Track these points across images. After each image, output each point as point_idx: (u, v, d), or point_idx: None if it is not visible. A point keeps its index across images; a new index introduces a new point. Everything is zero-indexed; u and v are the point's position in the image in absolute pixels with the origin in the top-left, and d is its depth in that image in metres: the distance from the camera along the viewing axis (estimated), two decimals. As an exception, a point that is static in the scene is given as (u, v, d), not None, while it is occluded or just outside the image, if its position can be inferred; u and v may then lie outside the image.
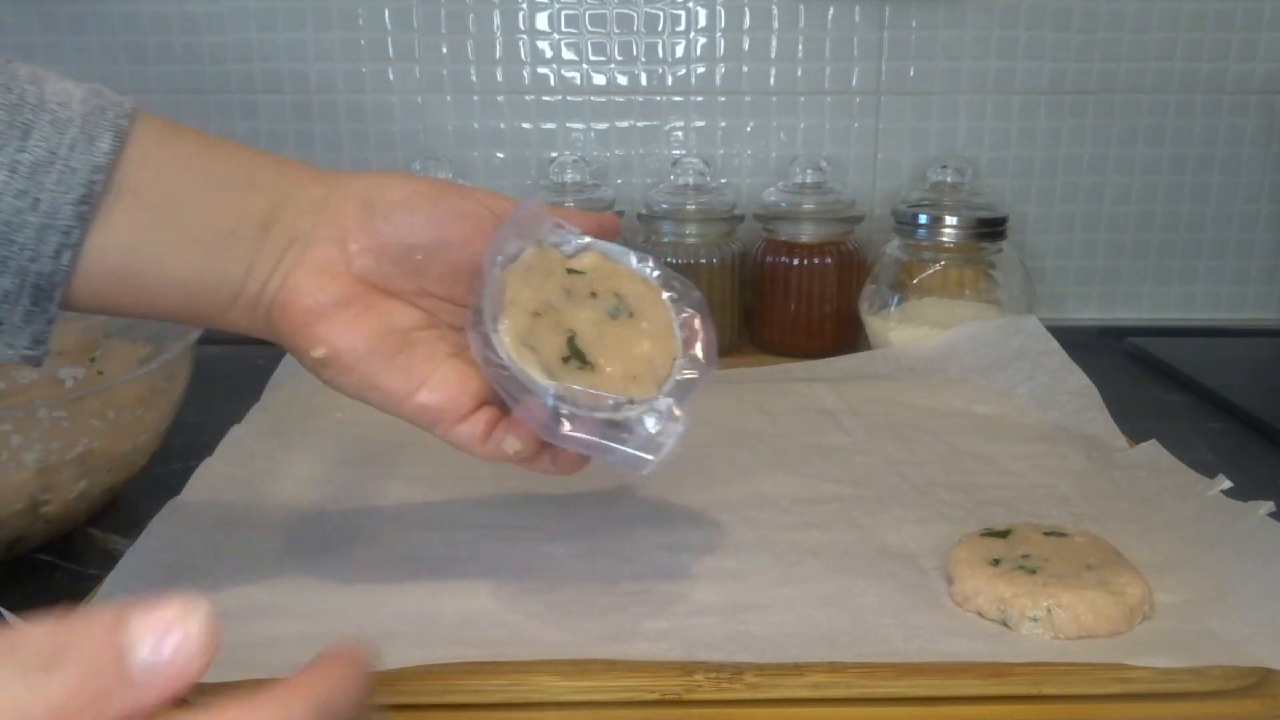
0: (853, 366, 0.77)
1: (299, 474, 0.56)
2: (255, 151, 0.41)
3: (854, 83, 0.91)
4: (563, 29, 0.90)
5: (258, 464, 0.56)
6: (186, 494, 0.51)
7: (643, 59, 0.91)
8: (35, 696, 0.19)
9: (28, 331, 0.37)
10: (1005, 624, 0.41)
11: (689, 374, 0.41)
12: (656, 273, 0.44)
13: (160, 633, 0.21)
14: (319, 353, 0.40)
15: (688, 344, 0.42)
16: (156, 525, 0.47)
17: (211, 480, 0.53)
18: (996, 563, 0.43)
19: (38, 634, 0.20)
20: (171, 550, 0.46)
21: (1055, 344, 0.71)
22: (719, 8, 0.90)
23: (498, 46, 0.90)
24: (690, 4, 0.90)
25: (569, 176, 0.87)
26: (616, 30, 0.90)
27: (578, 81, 0.91)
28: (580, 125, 0.92)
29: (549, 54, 0.91)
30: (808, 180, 0.85)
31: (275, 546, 0.49)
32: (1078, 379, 0.67)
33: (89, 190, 0.35)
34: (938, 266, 0.79)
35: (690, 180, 0.85)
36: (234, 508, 0.52)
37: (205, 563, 0.46)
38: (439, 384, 0.40)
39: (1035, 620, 0.40)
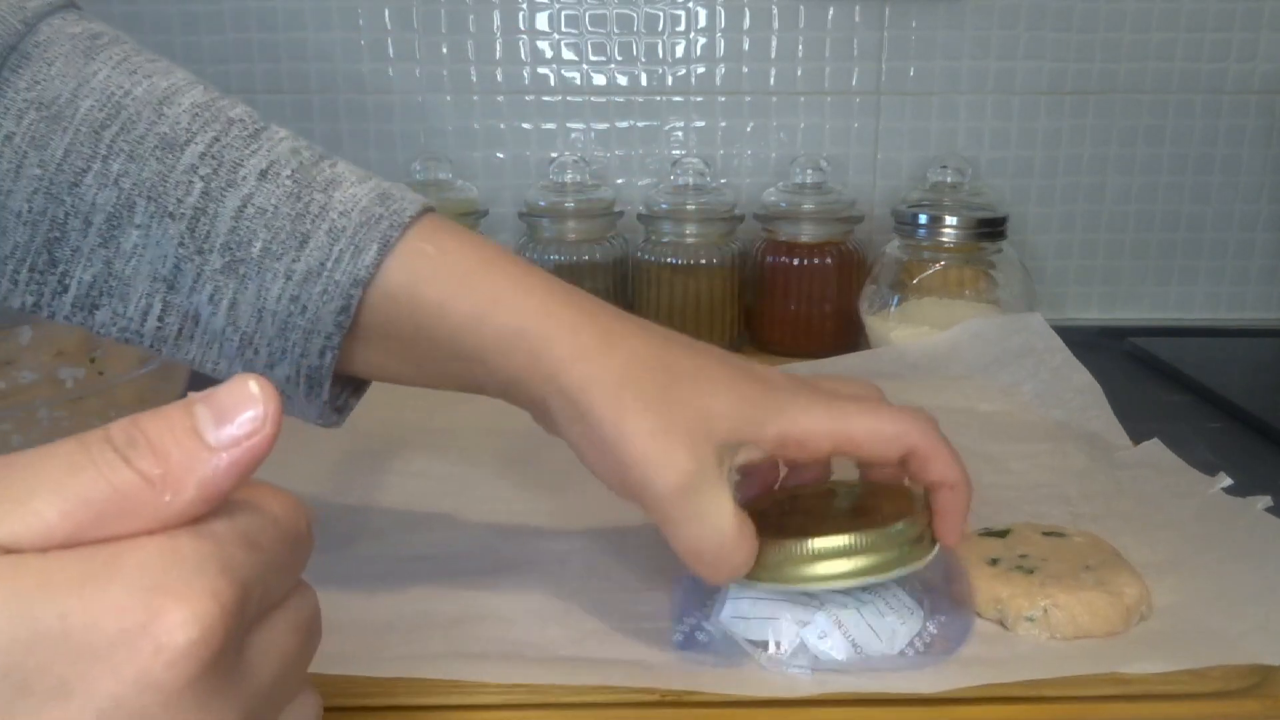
0: (855, 365, 0.76)
1: (300, 470, 0.56)
2: (494, 287, 0.39)
3: (854, 83, 0.91)
4: (563, 29, 0.90)
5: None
6: None
7: (643, 59, 0.91)
8: (120, 474, 0.22)
9: (312, 408, 0.40)
10: (1002, 624, 0.41)
11: None
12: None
13: (230, 407, 0.23)
14: None
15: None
16: None
17: None
18: (994, 562, 0.43)
19: (115, 426, 0.23)
20: None
21: (1059, 341, 0.71)
22: (719, 8, 0.90)
23: (498, 46, 0.90)
24: (690, 4, 0.90)
25: (569, 177, 0.87)
26: (616, 30, 0.90)
27: (578, 81, 0.91)
28: (580, 125, 0.92)
29: (549, 54, 0.91)
30: (808, 180, 0.85)
31: None
32: (1081, 377, 0.67)
33: (347, 302, 0.38)
34: (938, 266, 0.79)
35: (690, 180, 0.85)
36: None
37: None
38: None
39: (1032, 620, 0.40)
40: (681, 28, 0.90)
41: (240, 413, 0.23)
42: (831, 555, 0.38)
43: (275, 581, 0.25)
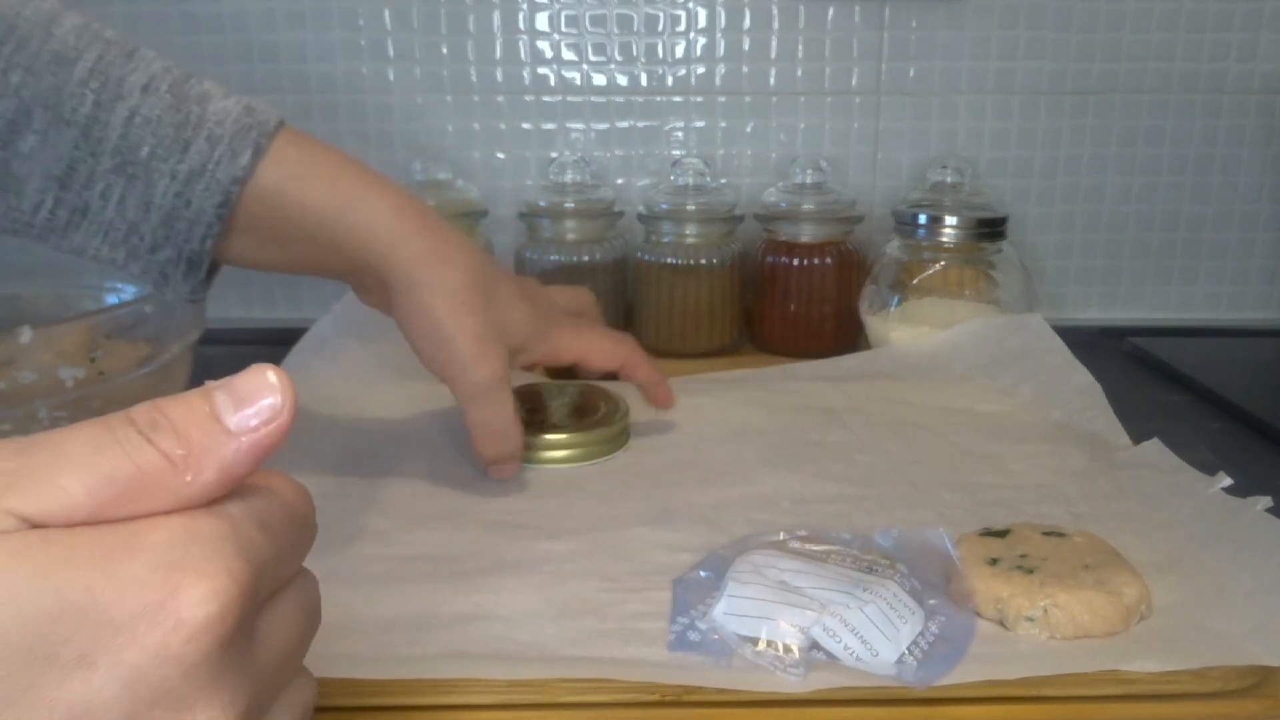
0: (855, 366, 0.77)
1: (302, 469, 0.56)
2: (351, 190, 0.48)
3: (854, 83, 0.91)
4: (563, 29, 0.90)
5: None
6: None
7: (643, 59, 0.91)
8: (143, 454, 0.23)
9: (187, 285, 0.49)
10: (1002, 624, 0.41)
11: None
12: None
13: (248, 394, 0.24)
14: None
15: None
16: None
17: None
18: (994, 562, 0.44)
19: (138, 409, 0.24)
20: None
21: (1059, 342, 0.71)
22: (719, 8, 0.90)
23: (498, 46, 0.90)
24: (690, 4, 0.90)
25: (569, 177, 0.87)
26: (616, 30, 0.90)
27: (578, 82, 0.91)
28: (580, 125, 0.92)
29: (549, 54, 0.91)
30: (808, 180, 0.85)
31: None
32: (1081, 377, 0.67)
33: (227, 197, 0.46)
34: (938, 266, 0.79)
35: (690, 180, 0.85)
36: None
37: None
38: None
39: (1031, 620, 0.41)
40: (681, 28, 0.90)
41: (258, 399, 0.24)
42: (556, 446, 0.59)
43: (284, 563, 0.26)
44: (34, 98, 0.43)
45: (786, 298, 0.83)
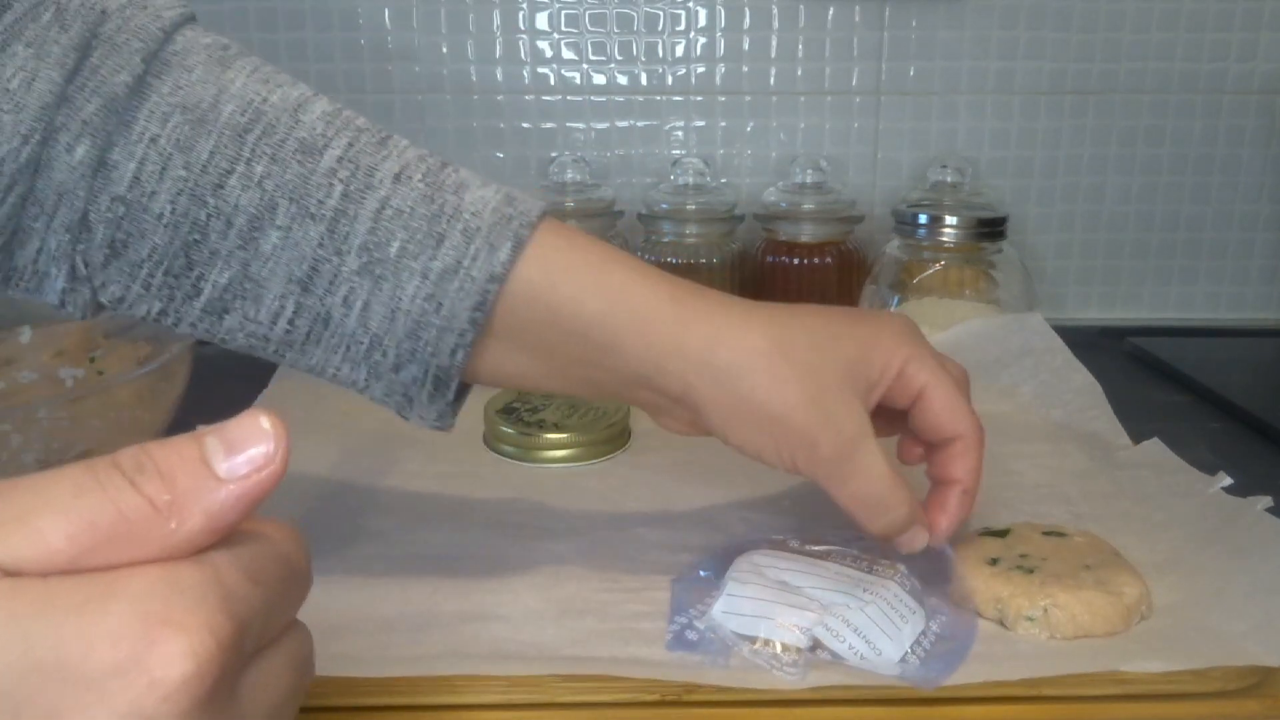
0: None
1: (303, 467, 0.56)
2: (624, 281, 0.40)
3: (854, 83, 0.91)
4: (563, 29, 0.90)
5: None
6: None
7: (643, 59, 0.91)
8: (127, 498, 0.22)
9: (433, 409, 0.41)
10: (1002, 623, 0.41)
11: None
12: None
13: (240, 440, 0.23)
14: None
15: None
16: None
17: None
18: (994, 562, 0.44)
19: (124, 453, 0.23)
20: None
21: (1059, 341, 0.71)
22: (719, 8, 0.90)
23: (498, 46, 0.90)
24: (690, 4, 0.90)
25: (569, 176, 0.87)
26: (616, 30, 0.90)
27: (578, 81, 0.91)
28: (580, 125, 0.92)
29: (549, 54, 0.91)
30: (808, 180, 0.85)
31: None
32: (1082, 377, 0.67)
33: (484, 298, 0.39)
34: (938, 266, 0.79)
35: (690, 180, 0.85)
36: None
37: None
38: None
39: (1031, 620, 0.41)
40: (681, 28, 0.90)
41: (249, 446, 0.23)
42: (556, 446, 0.58)
43: (274, 616, 0.25)
44: (278, 189, 0.38)
45: (786, 298, 0.83)
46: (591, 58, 0.91)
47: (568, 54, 0.91)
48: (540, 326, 0.40)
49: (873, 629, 0.39)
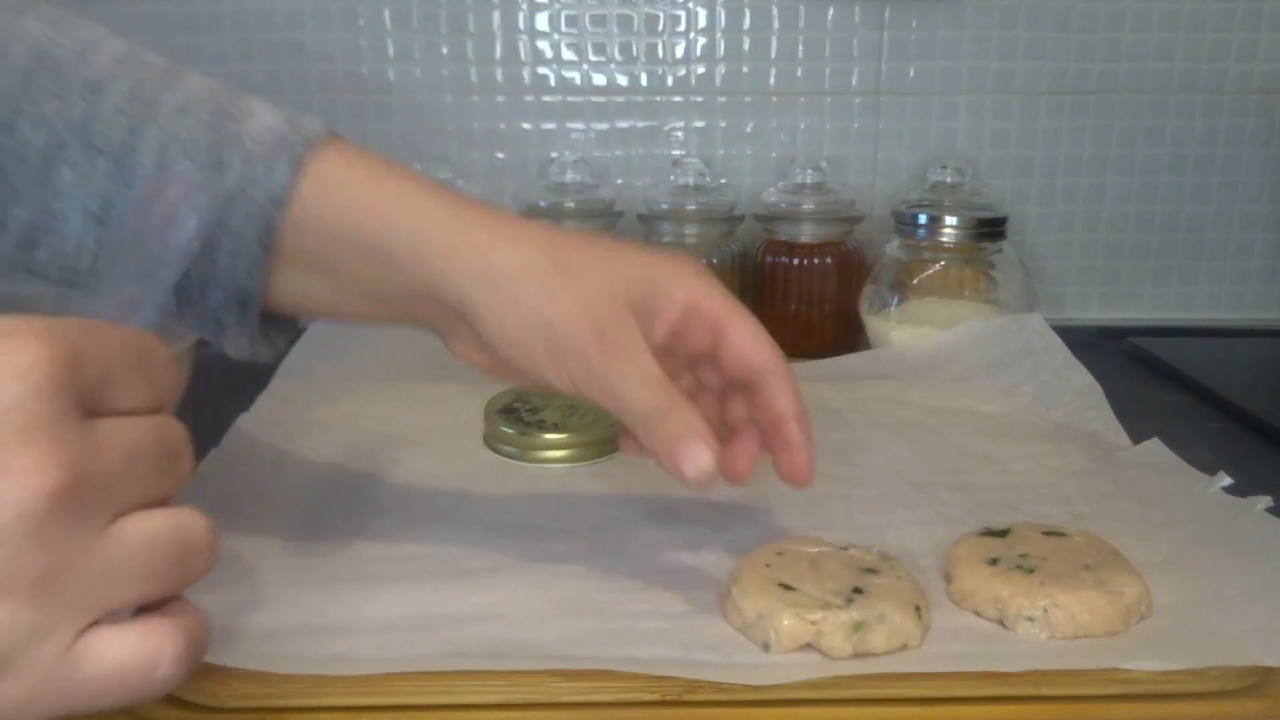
0: (856, 365, 0.77)
1: (304, 467, 0.56)
2: (410, 205, 0.41)
3: (854, 83, 0.91)
4: (563, 29, 0.90)
5: (264, 454, 0.57)
6: (192, 485, 0.51)
7: (643, 59, 0.91)
8: None
9: (244, 334, 0.43)
10: (1002, 623, 0.41)
11: None
12: None
13: None
14: None
15: None
16: None
17: (218, 470, 0.54)
18: (994, 562, 0.43)
19: None
20: None
21: (1059, 342, 0.71)
22: (719, 8, 0.90)
23: (498, 46, 0.90)
24: (690, 4, 0.90)
25: (569, 177, 0.87)
26: (616, 30, 0.90)
27: (578, 81, 0.91)
28: (580, 125, 0.92)
29: (549, 54, 0.91)
30: (808, 180, 0.85)
31: (279, 540, 0.49)
32: (1082, 377, 0.67)
33: (268, 220, 0.40)
34: (938, 266, 0.79)
35: (690, 180, 0.85)
36: (239, 499, 0.52)
37: None
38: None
39: (1032, 620, 0.41)
40: (681, 28, 0.90)
41: None
42: (555, 446, 0.59)
43: (134, 482, 0.27)
44: (67, 128, 0.40)
45: (786, 298, 0.83)
46: (591, 58, 0.91)
47: (568, 54, 0.91)
48: (322, 245, 0.40)
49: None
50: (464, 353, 0.43)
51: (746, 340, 0.42)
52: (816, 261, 0.82)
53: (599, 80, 0.91)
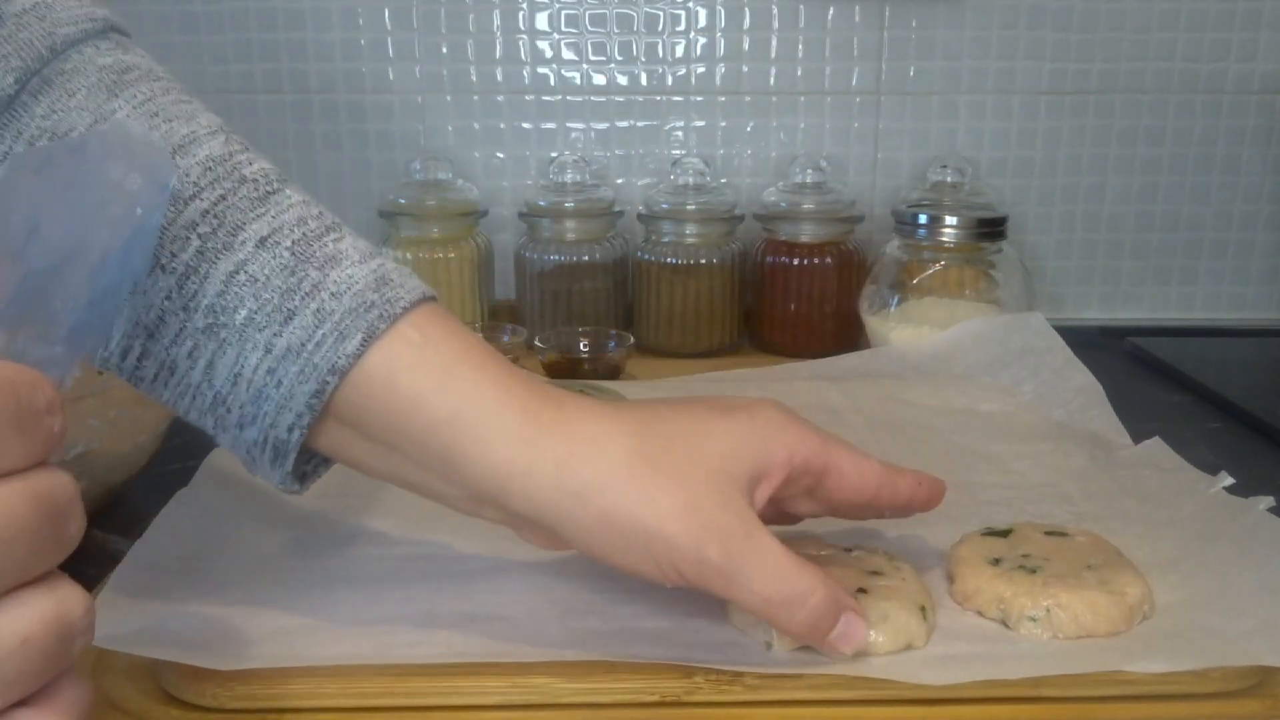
0: (857, 365, 0.76)
1: None
2: (479, 404, 0.37)
3: (854, 83, 0.91)
4: (563, 29, 0.90)
5: None
6: (195, 484, 0.52)
7: (643, 59, 0.91)
8: None
9: (275, 474, 0.39)
10: (1004, 623, 0.41)
11: None
12: None
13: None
14: None
15: None
16: (165, 516, 0.48)
17: (220, 471, 0.54)
18: (997, 562, 0.43)
19: None
20: (179, 543, 0.47)
21: (1060, 341, 0.71)
22: (719, 8, 0.90)
23: (498, 46, 0.90)
24: (690, 4, 0.90)
25: (569, 176, 0.87)
26: (616, 30, 0.90)
27: (578, 81, 0.91)
28: (580, 125, 0.92)
29: (549, 54, 0.91)
30: (808, 180, 0.85)
31: (280, 541, 0.49)
32: (1083, 377, 0.67)
33: (322, 387, 0.36)
34: (938, 266, 0.79)
35: (690, 180, 0.85)
36: (242, 500, 0.52)
37: (213, 553, 0.47)
38: None
39: (1034, 620, 0.40)
40: (681, 28, 0.90)
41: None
42: None
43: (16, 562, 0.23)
44: None
45: (786, 298, 0.83)
46: (591, 58, 0.91)
47: (568, 54, 0.91)
48: (381, 422, 0.37)
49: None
50: (539, 542, 0.40)
51: (853, 476, 0.41)
52: (816, 261, 0.82)
53: (599, 80, 0.91)
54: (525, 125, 0.92)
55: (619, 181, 0.93)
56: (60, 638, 0.23)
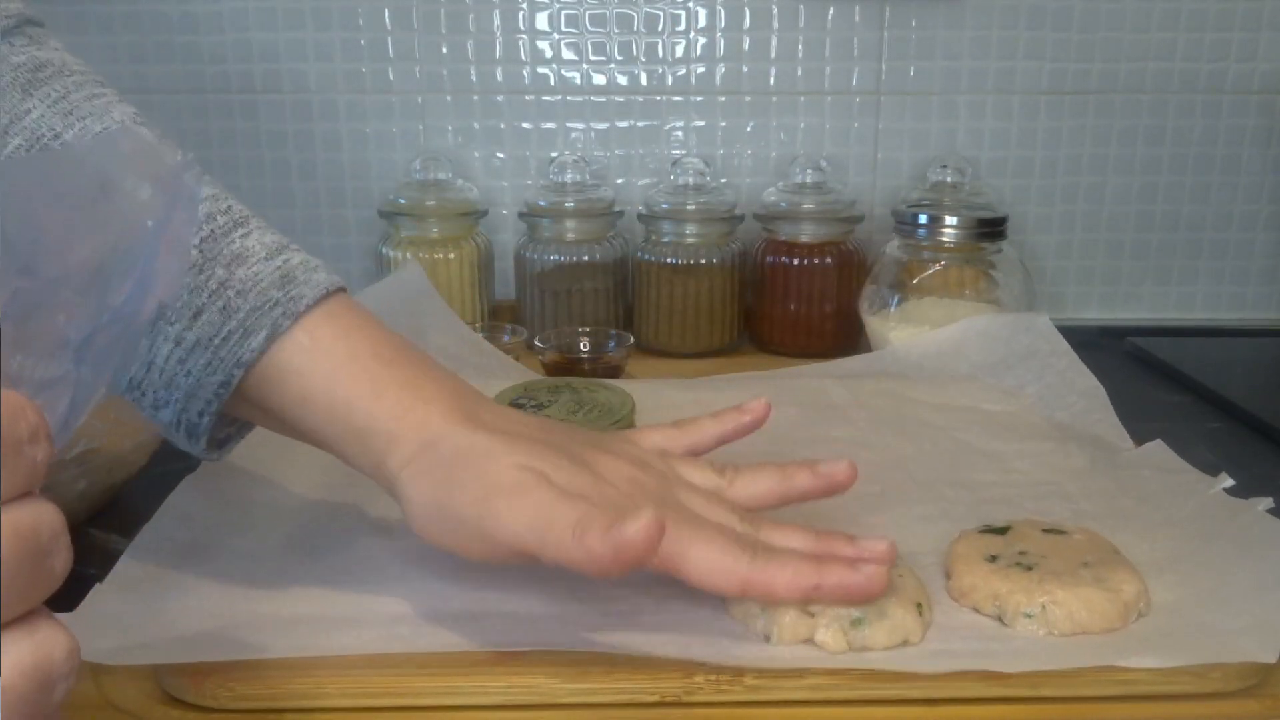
0: (860, 366, 0.76)
1: (307, 464, 0.56)
2: (355, 385, 0.41)
3: (854, 83, 0.91)
4: (563, 29, 0.90)
5: (272, 445, 0.57)
6: (201, 472, 0.52)
7: (643, 59, 0.91)
8: None
9: (193, 448, 0.43)
10: (1000, 620, 0.41)
11: None
12: None
13: None
14: None
15: None
16: (173, 501, 0.49)
17: (224, 463, 0.54)
18: (993, 559, 0.43)
19: None
20: (186, 528, 0.47)
21: (1065, 344, 0.71)
22: (719, 8, 0.90)
23: (498, 46, 0.90)
24: (690, 4, 0.90)
25: (569, 176, 0.87)
26: (616, 30, 0.90)
27: (578, 81, 0.91)
28: (580, 125, 0.92)
29: (549, 54, 0.91)
30: (808, 180, 0.85)
31: (285, 534, 0.49)
32: (1086, 380, 0.66)
33: (228, 378, 0.40)
34: (938, 266, 0.79)
35: (690, 180, 0.85)
36: (245, 492, 0.52)
37: (218, 542, 0.47)
38: None
39: (1030, 616, 0.41)
40: (681, 28, 0.90)
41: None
42: None
43: None
44: None
45: (786, 298, 0.83)
46: (591, 58, 0.91)
47: (568, 54, 0.91)
48: (276, 410, 0.41)
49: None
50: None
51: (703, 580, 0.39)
52: (816, 261, 0.82)
53: (599, 80, 0.91)
54: (525, 125, 0.92)
55: (619, 181, 0.93)
56: (40, 685, 0.22)
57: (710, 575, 0.38)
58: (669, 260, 0.83)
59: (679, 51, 0.91)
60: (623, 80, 0.91)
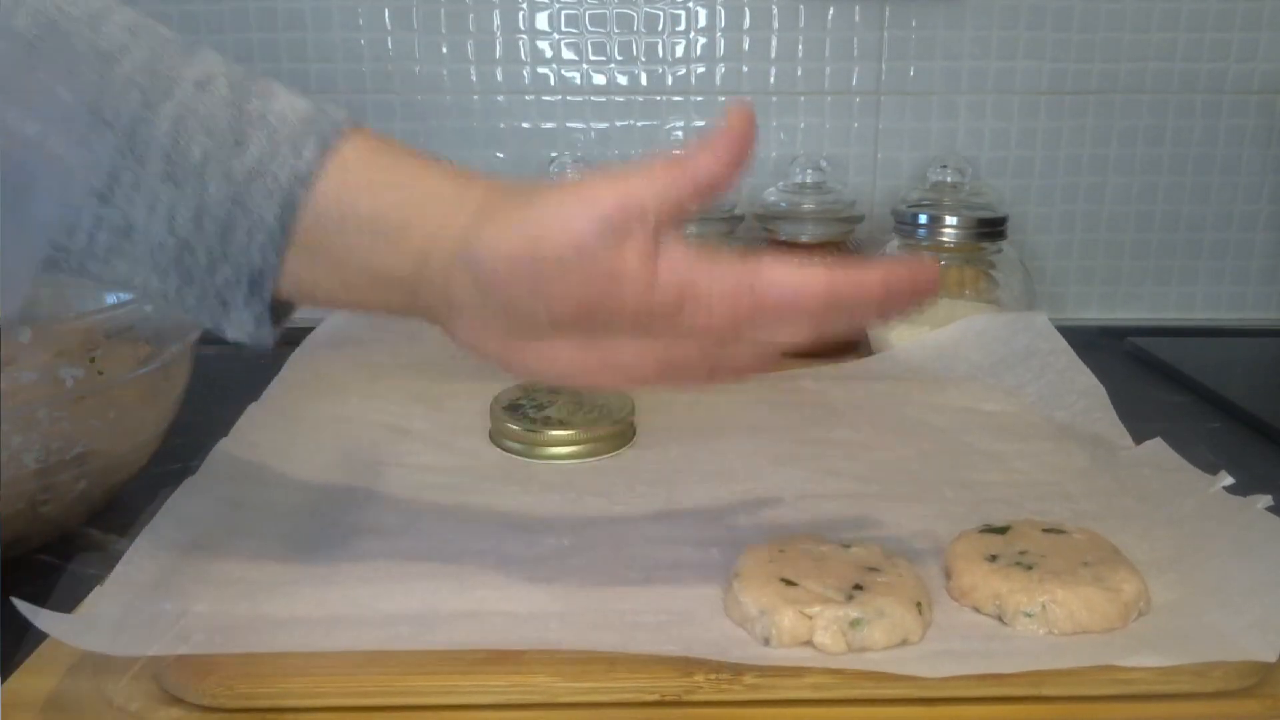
0: (859, 369, 0.76)
1: (307, 462, 0.57)
2: (430, 178, 0.41)
3: (854, 83, 0.91)
4: (563, 29, 0.90)
5: (273, 445, 0.57)
6: (204, 472, 0.52)
7: (643, 59, 0.91)
8: None
9: (250, 314, 0.40)
10: (1000, 619, 0.41)
11: None
12: None
13: None
14: None
15: None
16: (173, 503, 0.48)
17: (227, 459, 0.54)
18: (993, 558, 0.44)
19: None
20: (187, 529, 0.47)
21: (1064, 343, 0.71)
22: (719, 8, 0.90)
23: (498, 46, 0.90)
24: (690, 4, 0.90)
25: (569, 177, 0.87)
26: (616, 30, 0.90)
27: (578, 81, 0.91)
28: (580, 125, 0.92)
29: (549, 54, 0.91)
30: (808, 180, 0.85)
31: (284, 533, 0.49)
32: (1086, 380, 0.66)
33: (290, 198, 0.38)
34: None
35: (690, 180, 0.85)
36: (245, 490, 0.52)
37: (218, 542, 0.47)
38: None
39: (1030, 616, 0.41)
40: (681, 27, 0.90)
41: None
42: (560, 443, 0.59)
43: None
44: (75, 99, 0.37)
45: (786, 297, 0.83)
46: (591, 58, 0.91)
47: (568, 54, 0.91)
48: (335, 230, 0.39)
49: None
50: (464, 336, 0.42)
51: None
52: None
53: (599, 80, 0.91)
54: (525, 125, 0.92)
55: (619, 181, 0.93)
56: None
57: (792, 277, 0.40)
58: (669, 260, 0.83)
59: (679, 51, 0.91)
60: (623, 80, 0.91)
